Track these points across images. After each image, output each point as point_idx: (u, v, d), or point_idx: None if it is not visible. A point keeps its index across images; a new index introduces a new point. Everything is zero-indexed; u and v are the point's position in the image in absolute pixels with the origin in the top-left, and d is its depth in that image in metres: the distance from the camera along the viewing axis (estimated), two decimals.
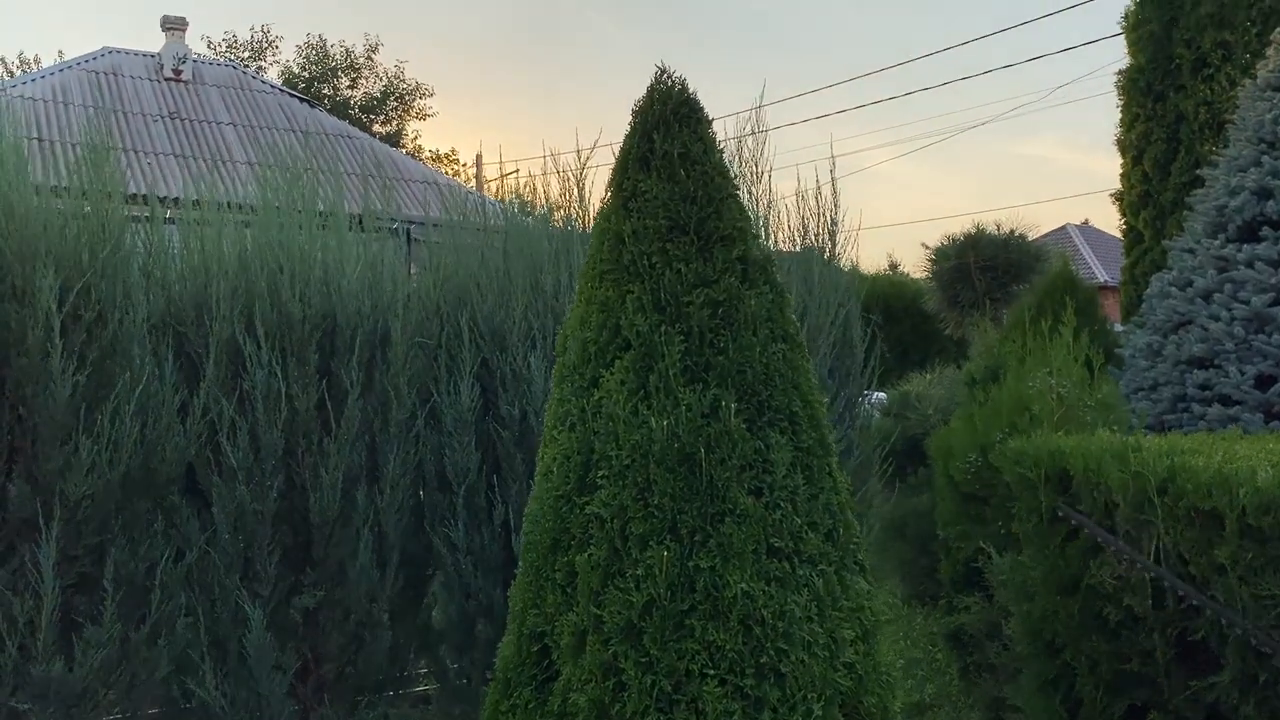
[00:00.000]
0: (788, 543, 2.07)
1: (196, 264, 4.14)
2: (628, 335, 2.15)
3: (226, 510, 3.92)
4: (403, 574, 4.31)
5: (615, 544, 2.05)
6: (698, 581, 2.01)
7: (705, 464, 2.04)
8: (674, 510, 2.04)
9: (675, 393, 2.08)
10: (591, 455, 2.13)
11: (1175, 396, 8.20)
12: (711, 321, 2.13)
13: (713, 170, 2.24)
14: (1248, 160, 8.23)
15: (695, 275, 2.15)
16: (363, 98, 33.03)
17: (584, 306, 2.26)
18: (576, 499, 2.13)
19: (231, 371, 4.03)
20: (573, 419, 2.18)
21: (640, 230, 2.20)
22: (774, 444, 2.11)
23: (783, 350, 2.17)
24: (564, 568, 2.11)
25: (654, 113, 2.28)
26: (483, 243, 4.65)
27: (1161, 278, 8.81)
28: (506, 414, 4.33)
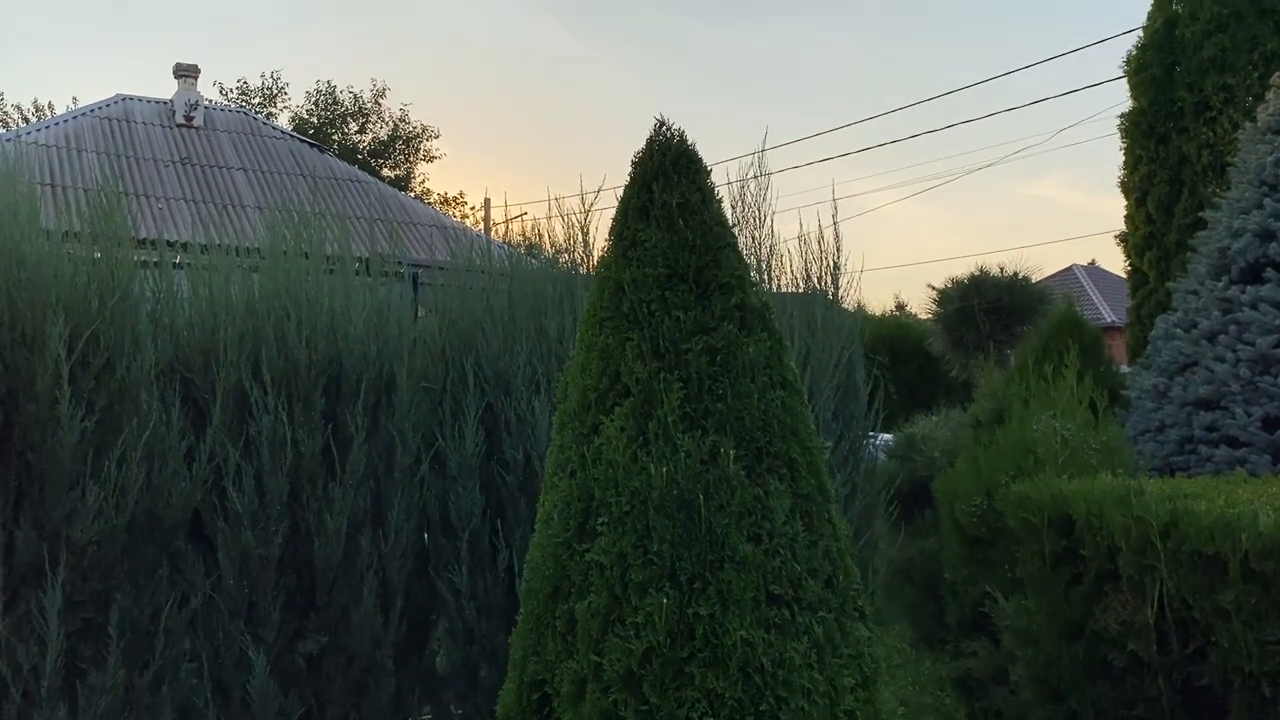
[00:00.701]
0: (787, 590, 2.08)
1: (205, 310, 4.18)
2: (627, 382, 2.17)
3: (231, 555, 3.93)
4: (406, 619, 4.30)
5: (615, 591, 2.06)
6: (697, 629, 2.01)
7: (704, 510, 2.06)
8: (673, 557, 2.05)
9: (674, 439, 2.10)
10: (591, 502, 2.14)
11: (1182, 438, 8.18)
12: (710, 368, 2.15)
13: (711, 220, 2.27)
14: (1250, 203, 8.27)
15: (694, 323, 2.18)
16: (371, 142, 33.38)
17: (584, 353, 2.28)
18: (576, 546, 2.14)
19: (238, 417, 4.06)
20: (573, 465, 2.20)
21: (640, 278, 2.23)
22: (773, 490, 2.12)
23: (781, 397, 2.19)
24: (564, 615, 2.12)
25: (653, 164, 2.32)
26: (488, 287, 4.68)
27: (1166, 319, 8.83)
28: (511, 458, 4.34)
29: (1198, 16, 10.50)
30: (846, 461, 4.74)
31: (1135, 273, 11.19)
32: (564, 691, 2.07)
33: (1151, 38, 10.88)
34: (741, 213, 4.85)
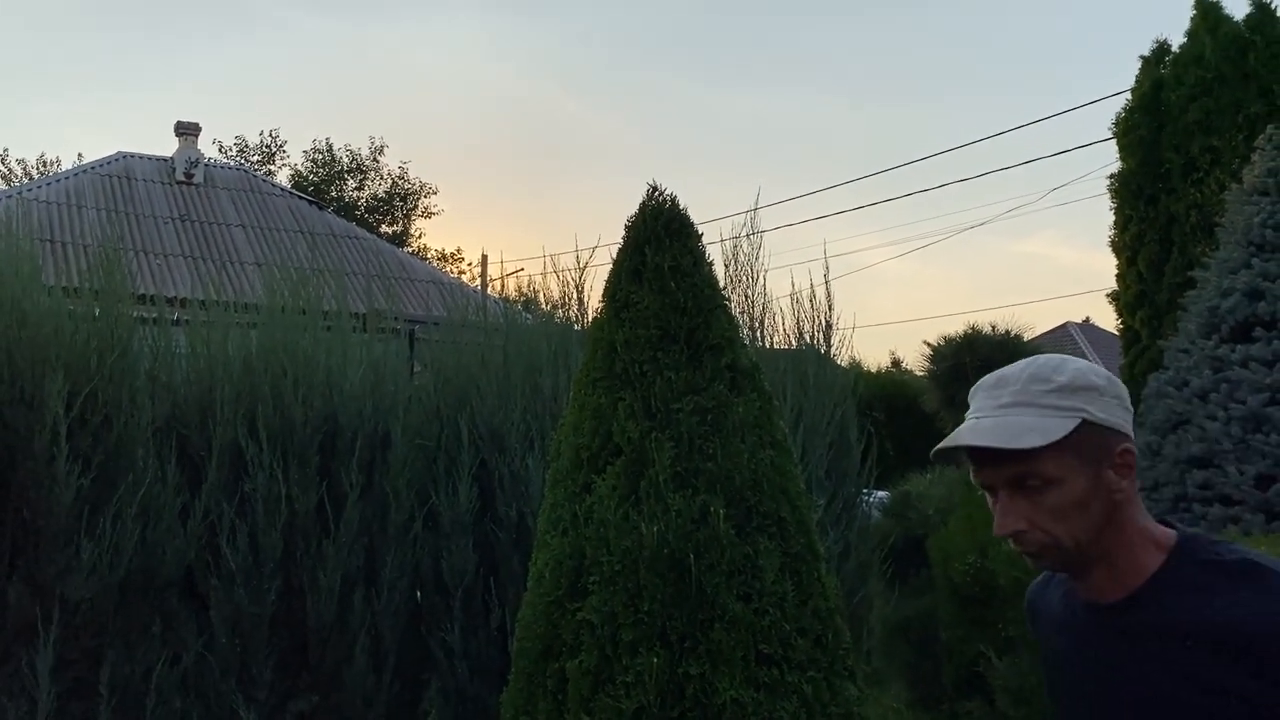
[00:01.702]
0: (777, 649, 2.09)
1: (202, 367, 4.21)
2: (619, 441, 2.20)
3: (224, 613, 3.92)
4: (399, 678, 4.28)
5: (606, 650, 2.08)
6: (687, 688, 2.03)
7: (695, 570, 2.08)
8: (664, 616, 2.07)
9: (665, 498, 2.13)
10: (583, 560, 2.16)
11: (1176, 496, 8.19)
12: (701, 428, 2.18)
13: (702, 282, 2.32)
14: (1238, 262, 8.36)
15: (685, 383, 2.22)
16: (369, 198, 33.65)
17: (577, 413, 2.31)
18: (568, 604, 2.16)
19: (233, 474, 4.08)
20: (565, 524, 2.22)
21: (632, 339, 2.27)
22: (763, 549, 2.14)
23: (771, 456, 2.22)
24: (555, 674, 2.13)
25: (645, 227, 2.37)
26: (483, 344, 4.73)
27: (1158, 377, 8.88)
28: (504, 515, 4.35)
29: (1183, 80, 10.70)
30: (840, 519, 4.75)
31: (1127, 330, 11.27)
32: None
33: (1140, 100, 11.07)
34: (734, 271, 4.91)
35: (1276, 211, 8.09)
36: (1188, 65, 10.72)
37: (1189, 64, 10.69)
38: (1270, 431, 7.63)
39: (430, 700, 4.53)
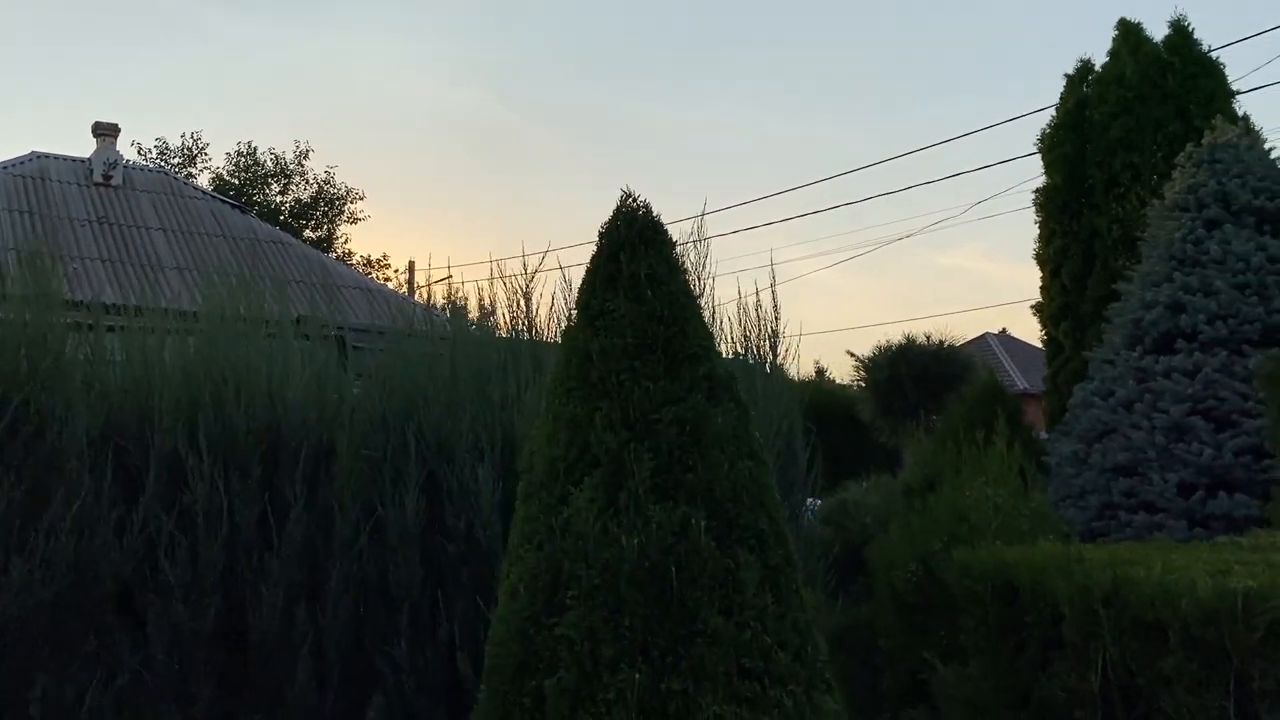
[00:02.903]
0: (758, 662, 2.07)
1: (138, 375, 4.07)
2: (597, 452, 2.17)
3: (162, 630, 3.79)
4: (344, 695, 4.18)
5: (585, 667, 2.03)
6: (670, 705, 1.99)
7: (676, 583, 2.05)
8: (645, 631, 2.03)
9: (646, 510, 2.09)
10: (559, 575, 2.12)
11: (1102, 504, 8.38)
12: (680, 439, 2.16)
13: (678, 290, 2.30)
14: (1160, 276, 8.59)
15: (663, 393, 2.19)
16: (293, 203, 33.03)
17: (551, 423, 2.27)
18: (544, 620, 2.11)
19: (172, 485, 3.94)
20: (540, 537, 2.18)
21: (608, 348, 2.23)
22: (743, 562, 2.12)
23: (749, 467, 2.20)
24: (532, 692, 2.08)
25: (620, 234, 2.34)
26: (429, 353, 4.64)
27: (1084, 388, 9.08)
28: (453, 527, 4.28)
29: (1106, 99, 10.99)
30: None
31: (1051, 342, 11.52)
32: None
33: (1064, 117, 11.35)
34: None
35: (1196, 228, 8.34)
36: (1110, 84, 11.01)
37: (1111, 83, 10.99)
38: (1192, 441, 7.85)
39: (373, 716, 4.43)
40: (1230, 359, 7.81)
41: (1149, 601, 3.10)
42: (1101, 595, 3.21)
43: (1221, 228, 8.15)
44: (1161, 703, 3.05)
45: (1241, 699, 2.95)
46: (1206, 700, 2.97)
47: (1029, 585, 3.45)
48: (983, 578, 3.61)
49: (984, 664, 3.61)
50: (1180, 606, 3.02)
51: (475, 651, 4.18)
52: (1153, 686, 3.08)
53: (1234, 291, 7.91)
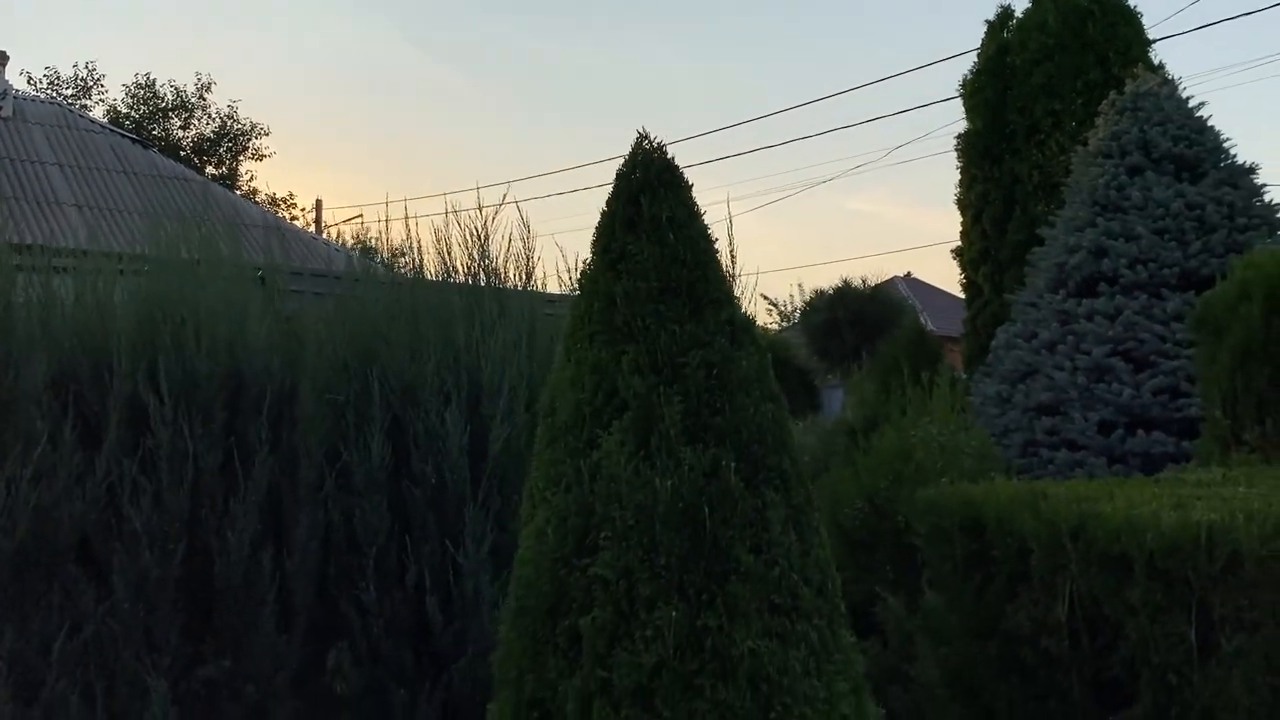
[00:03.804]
0: (786, 599, 2.12)
1: (92, 318, 3.93)
2: (625, 396, 2.18)
3: (128, 578, 3.71)
4: (310, 640, 4.15)
5: (621, 606, 2.06)
6: (706, 641, 2.04)
7: (709, 523, 2.08)
8: (681, 570, 2.07)
9: (677, 453, 2.12)
10: (591, 517, 2.14)
11: (1025, 442, 8.67)
12: (707, 382, 2.18)
13: (698, 235, 2.31)
14: (1083, 221, 8.84)
15: (689, 337, 2.20)
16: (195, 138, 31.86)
17: (574, 368, 2.27)
18: (576, 561, 2.13)
19: (133, 431, 3.84)
20: (568, 480, 2.19)
21: (632, 292, 2.23)
22: (770, 501, 2.16)
23: (771, 409, 2.24)
24: (566, 632, 2.10)
25: (638, 177, 2.33)
26: (388, 298, 4.57)
27: (1007, 329, 9.34)
28: (419, 472, 4.25)
29: (1027, 45, 11.20)
30: None
31: (971, 286, 11.80)
32: (569, 709, 2.05)
33: (986, 63, 11.53)
34: None
35: (1119, 174, 8.59)
36: (1031, 31, 11.20)
37: (1032, 30, 11.18)
38: (1113, 381, 8.15)
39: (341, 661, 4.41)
40: (1150, 302, 8.11)
41: (1115, 535, 3.24)
42: (1069, 530, 3.35)
43: (1143, 174, 8.42)
44: (1126, 630, 3.21)
45: (1202, 625, 3.12)
46: (1169, 627, 3.13)
47: (995, 521, 3.58)
48: (949, 514, 3.73)
49: (949, 597, 3.74)
50: (1145, 540, 3.17)
51: (444, 595, 4.19)
52: (1118, 615, 3.23)
53: (1154, 237, 8.19)
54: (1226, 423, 5.20)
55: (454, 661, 4.15)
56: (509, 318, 4.50)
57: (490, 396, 4.34)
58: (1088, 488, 3.88)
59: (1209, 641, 3.12)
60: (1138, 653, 3.18)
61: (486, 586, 4.17)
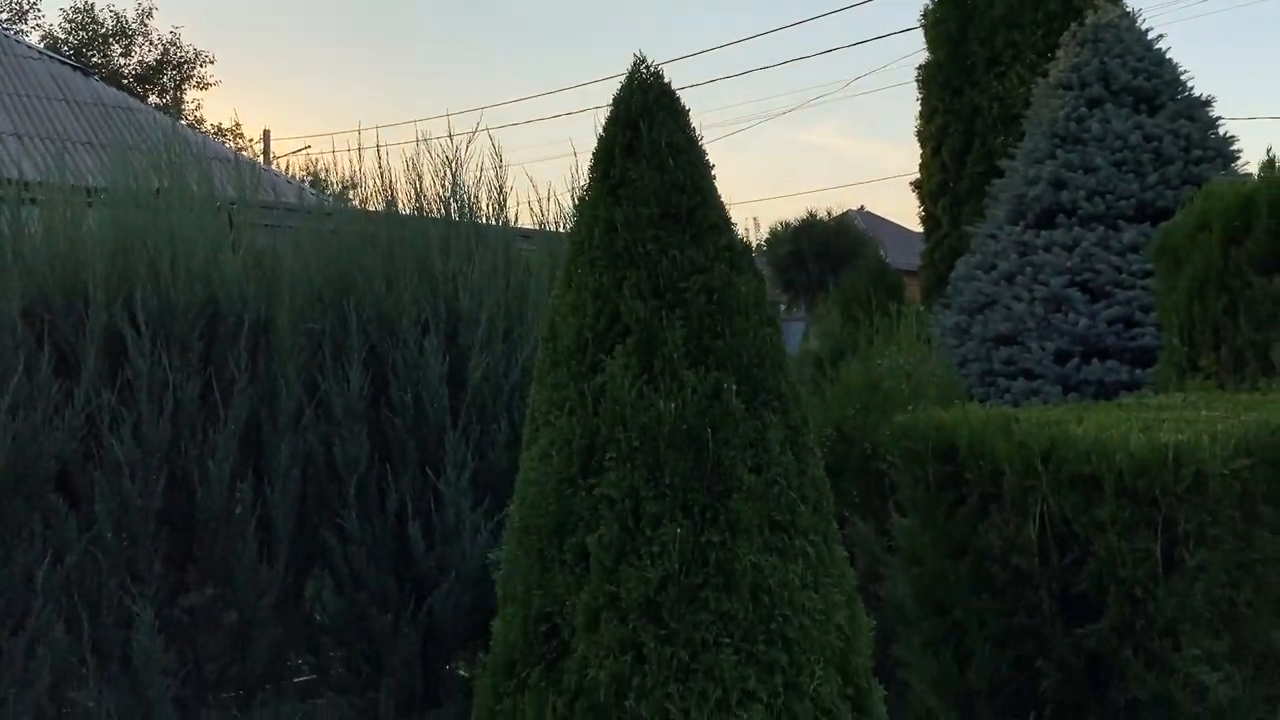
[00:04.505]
0: (785, 516, 2.19)
1: (64, 249, 3.87)
2: (628, 321, 2.21)
3: (110, 507, 3.71)
4: (291, 568, 4.19)
5: (627, 523, 2.12)
6: (709, 556, 2.10)
7: (712, 444, 2.14)
8: (685, 489, 2.12)
9: (681, 376, 2.16)
10: (595, 438, 2.18)
11: (983, 372, 8.83)
12: (708, 307, 2.22)
13: (697, 160, 2.33)
14: (1043, 153, 8.93)
15: (690, 262, 2.24)
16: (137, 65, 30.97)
17: (575, 293, 2.30)
18: (582, 482, 2.18)
19: (110, 361, 3.81)
20: (572, 403, 2.23)
21: (633, 218, 2.26)
22: (769, 423, 2.22)
23: (769, 334, 2.29)
24: (573, 549, 2.16)
25: (636, 102, 2.34)
26: (363, 230, 4.55)
27: (966, 261, 9.45)
28: (399, 401, 4.27)
29: None
30: None
31: (929, 219, 11.88)
32: (578, 622, 2.12)
33: None
34: None
35: (1079, 106, 8.67)
36: None
37: None
38: (1069, 311, 8.30)
39: (322, 588, 4.46)
40: (1107, 234, 8.24)
41: (1085, 456, 3.35)
42: (1040, 451, 3.46)
43: (1102, 106, 8.50)
44: (1095, 547, 3.33)
45: (1167, 542, 3.25)
46: (1136, 544, 3.25)
47: (968, 444, 3.67)
48: (923, 438, 3.82)
49: (923, 518, 3.85)
50: (1115, 460, 3.28)
51: (425, 522, 4.24)
52: (1087, 533, 3.35)
53: (1112, 169, 8.30)
54: (1183, 350, 5.35)
55: (436, 587, 4.22)
56: (486, 248, 4.50)
57: (469, 326, 4.36)
58: (1057, 412, 3.99)
59: (1173, 557, 3.25)
60: (1105, 568, 3.31)
61: (468, 514, 4.23)
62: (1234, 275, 5.09)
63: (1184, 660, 3.22)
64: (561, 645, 2.15)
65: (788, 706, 2.08)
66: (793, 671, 2.11)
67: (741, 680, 2.06)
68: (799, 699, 2.10)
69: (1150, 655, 3.26)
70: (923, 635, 3.84)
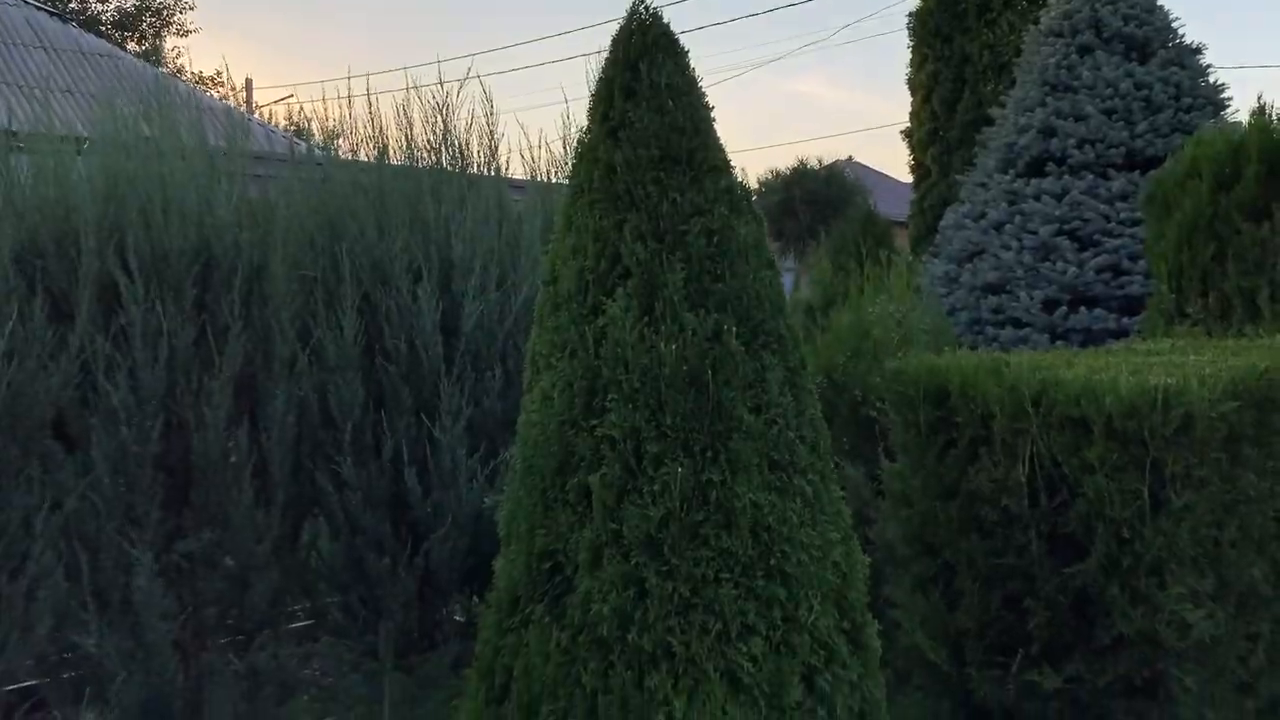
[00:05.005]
0: (784, 455, 2.23)
1: (54, 194, 3.85)
2: (628, 263, 2.23)
3: (107, 453, 3.72)
4: (288, 514, 4.21)
5: (629, 463, 2.15)
6: (710, 494, 2.14)
7: (712, 385, 2.16)
8: (686, 430, 2.15)
9: (681, 318, 2.18)
10: (597, 380, 2.21)
11: (971, 320, 8.88)
12: (708, 249, 2.24)
13: (697, 102, 2.33)
14: (1034, 101, 8.92)
15: (690, 205, 2.25)
16: (115, 12, 30.49)
17: (575, 236, 2.31)
18: (583, 423, 2.21)
19: (103, 308, 3.80)
20: (573, 346, 2.25)
21: (633, 160, 2.26)
22: (768, 364, 2.25)
23: (769, 276, 2.31)
24: (575, 488, 2.19)
25: (635, 44, 2.34)
26: (353, 179, 4.53)
27: (956, 210, 9.47)
28: (393, 348, 4.28)
29: None
30: None
31: (919, 167, 11.88)
32: (581, 559, 2.15)
33: None
34: None
35: (1070, 53, 8.65)
36: None
37: None
38: (1058, 260, 8.35)
39: (318, 533, 4.50)
40: (1096, 182, 8.27)
41: (1075, 399, 3.39)
42: (1031, 395, 3.50)
43: (1093, 54, 8.49)
44: (1083, 489, 3.39)
45: (1155, 482, 3.31)
46: (1124, 485, 3.31)
47: (960, 388, 3.72)
48: (915, 382, 3.86)
49: (914, 461, 3.90)
50: (1104, 403, 3.33)
51: (421, 467, 4.27)
52: (1076, 475, 3.41)
53: (1102, 117, 8.31)
54: (1171, 296, 5.40)
55: (433, 532, 4.26)
56: (478, 195, 4.49)
57: (462, 274, 4.36)
58: (1048, 357, 4.03)
59: (1160, 497, 3.31)
60: (1093, 509, 3.37)
61: (463, 460, 4.25)
62: (1223, 222, 5.12)
63: (1169, 598, 3.29)
64: (565, 582, 2.19)
65: (786, 639, 2.13)
66: (791, 606, 2.15)
67: (741, 614, 2.11)
68: (797, 632, 2.15)
69: (1136, 593, 3.33)
70: (912, 576, 3.91)
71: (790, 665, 2.12)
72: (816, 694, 2.15)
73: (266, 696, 4.09)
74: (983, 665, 3.61)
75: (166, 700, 3.85)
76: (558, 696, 2.10)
